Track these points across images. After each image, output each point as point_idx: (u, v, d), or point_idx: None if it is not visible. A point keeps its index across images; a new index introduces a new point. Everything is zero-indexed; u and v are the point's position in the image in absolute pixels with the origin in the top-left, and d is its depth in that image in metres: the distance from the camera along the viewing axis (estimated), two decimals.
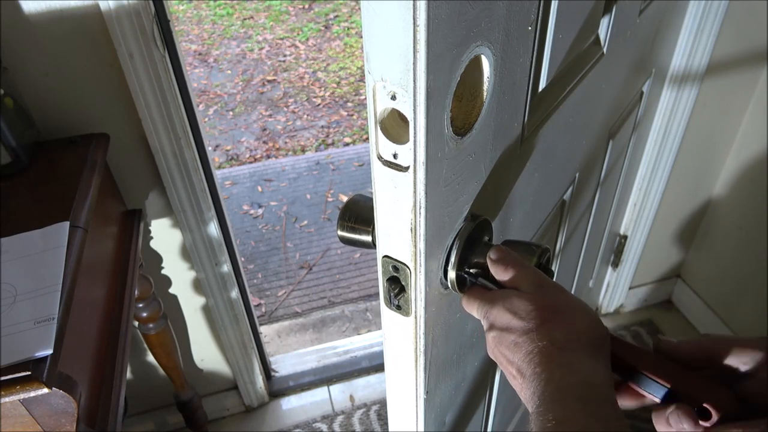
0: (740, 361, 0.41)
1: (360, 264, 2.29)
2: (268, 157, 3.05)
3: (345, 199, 2.27)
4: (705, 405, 0.39)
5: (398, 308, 0.49)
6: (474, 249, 0.50)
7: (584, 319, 0.41)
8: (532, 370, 0.40)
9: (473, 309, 0.49)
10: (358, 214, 0.54)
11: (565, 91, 0.65)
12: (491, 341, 0.45)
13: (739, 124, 1.54)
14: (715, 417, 0.39)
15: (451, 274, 0.49)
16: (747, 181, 1.58)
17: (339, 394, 1.77)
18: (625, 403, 0.43)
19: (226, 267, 1.39)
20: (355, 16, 4.50)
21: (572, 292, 1.42)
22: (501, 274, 0.47)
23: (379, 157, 0.41)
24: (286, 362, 1.85)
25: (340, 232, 0.55)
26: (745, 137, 1.54)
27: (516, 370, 0.41)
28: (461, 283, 0.50)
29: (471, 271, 0.50)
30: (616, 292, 1.88)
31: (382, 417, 1.70)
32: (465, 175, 0.47)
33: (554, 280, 0.47)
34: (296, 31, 4.33)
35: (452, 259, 0.48)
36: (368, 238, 0.53)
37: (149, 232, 1.28)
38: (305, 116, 3.39)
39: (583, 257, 1.28)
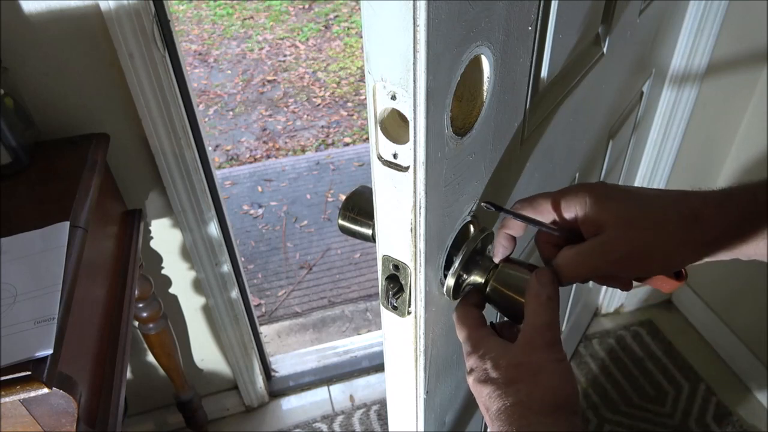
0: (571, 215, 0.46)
1: (360, 264, 2.29)
2: (268, 157, 3.05)
3: None
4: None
5: (394, 308, 0.49)
6: (475, 259, 0.50)
7: (553, 380, 0.43)
8: (498, 428, 0.42)
9: (459, 335, 0.49)
10: (362, 207, 0.54)
11: (565, 91, 0.66)
12: (471, 384, 0.46)
13: (739, 124, 1.54)
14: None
15: (450, 281, 0.49)
16: (747, 181, 1.58)
17: (339, 394, 1.77)
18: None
19: (226, 267, 1.39)
20: (355, 16, 4.50)
21: (572, 292, 1.42)
22: (531, 299, 0.46)
23: (379, 157, 0.41)
24: (286, 362, 1.84)
25: (341, 222, 0.55)
26: (745, 137, 1.54)
27: (489, 419, 0.44)
28: (457, 292, 0.50)
29: (472, 279, 0.50)
30: (616, 292, 1.87)
31: (382, 417, 1.70)
32: (465, 175, 0.47)
33: None
34: (296, 31, 4.32)
35: (455, 264, 0.48)
36: (369, 231, 0.53)
37: (149, 232, 1.28)
38: (305, 116, 3.39)
39: None
